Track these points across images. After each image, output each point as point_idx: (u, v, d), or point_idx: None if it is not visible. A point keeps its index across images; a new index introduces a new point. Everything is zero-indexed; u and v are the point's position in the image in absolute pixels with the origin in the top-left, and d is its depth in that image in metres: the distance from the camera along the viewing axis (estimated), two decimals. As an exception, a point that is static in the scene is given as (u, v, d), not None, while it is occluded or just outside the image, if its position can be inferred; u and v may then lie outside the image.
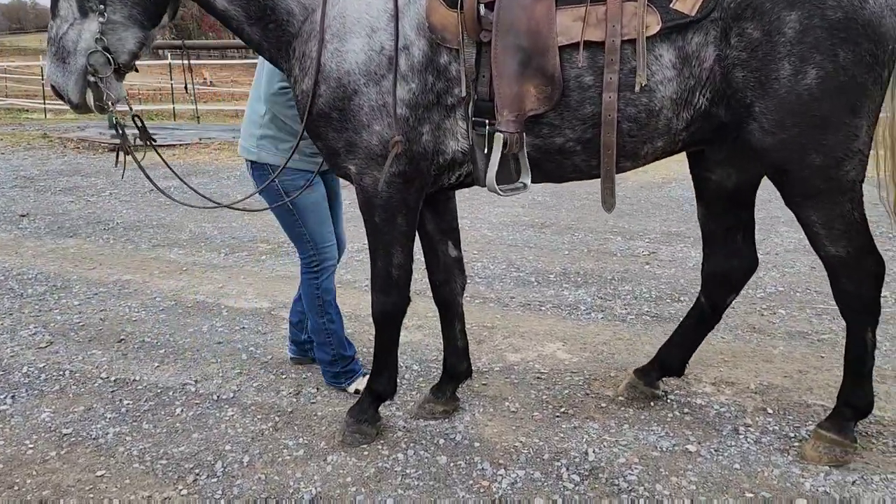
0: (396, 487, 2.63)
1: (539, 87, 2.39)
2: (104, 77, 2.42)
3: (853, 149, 2.34)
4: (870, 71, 2.26)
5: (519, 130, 2.43)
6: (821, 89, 2.25)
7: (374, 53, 2.48)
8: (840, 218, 2.43)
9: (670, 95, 2.37)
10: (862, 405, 2.70)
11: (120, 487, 2.66)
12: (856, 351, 2.65)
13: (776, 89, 2.28)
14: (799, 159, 2.36)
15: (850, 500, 2.49)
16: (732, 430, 2.96)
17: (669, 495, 2.54)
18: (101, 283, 5.05)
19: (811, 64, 2.24)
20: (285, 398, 3.33)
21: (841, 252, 2.48)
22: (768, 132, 2.34)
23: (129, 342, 4.02)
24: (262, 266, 5.49)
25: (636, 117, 2.41)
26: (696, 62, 2.33)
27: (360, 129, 2.54)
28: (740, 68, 2.31)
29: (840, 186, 2.39)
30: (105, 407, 3.27)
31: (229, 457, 2.85)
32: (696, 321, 3.16)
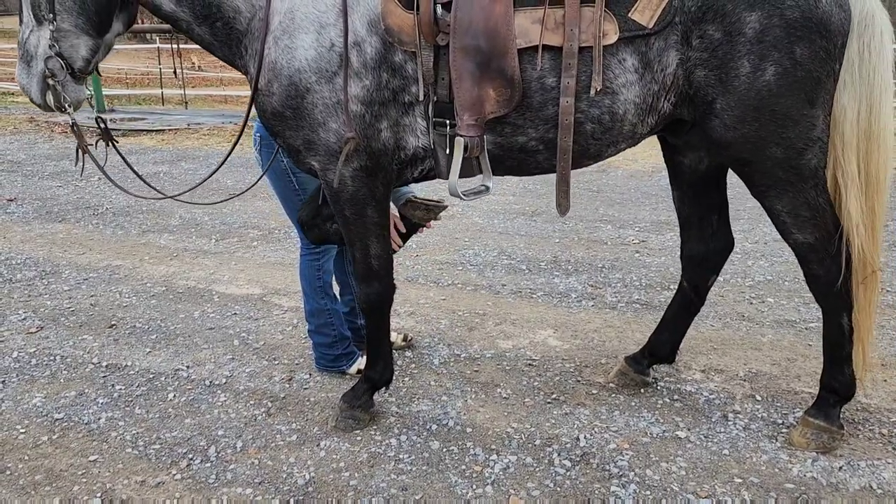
0: (389, 472, 2.65)
1: (498, 90, 2.37)
2: (61, 81, 2.48)
3: (812, 138, 2.40)
4: (824, 65, 2.34)
5: (479, 134, 2.43)
6: (779, 85, 2.32)
7: (325, 50, 2.45)
8: (805, 205, 2.48)
9: (633, 99, 2.39)
10: (844, 389, 2.73)
11: (113, 472, 2.67)
12: (833, 336, 2.69)
13: (736, 86, 2.34)
14: (760, 152, 2.42)
15: (836, 486, 2.53)
16: (721, 416, 2.99)
17: (660, 480, 2.57)
18: (90, 269, 5.03)
19: (770, 61, 2.30)
20: (278, 384, 3.34)
21: (809, 238, 2.53)
22: (730, 127, 2.39)
23: (120, 328, 4.01)
24: (253, 252, 5.48)
25: (600, 119, 2.42)
26: (658, 67, 2.36)
27: (317, 126, 2.52)
28: (701, 68, 2.35)
29: (802, 175, 2.44)
30: (97, 392, 3.27)
31: (222, 442, 2.86)
32: (681, 306, 3.20)
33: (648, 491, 2.51)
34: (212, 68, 23.14)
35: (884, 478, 2.57)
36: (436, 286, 4.65)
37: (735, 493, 2.49)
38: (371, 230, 2.69)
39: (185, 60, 22.18)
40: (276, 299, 4.44)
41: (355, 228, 2.69)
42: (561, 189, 2.53)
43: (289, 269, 5.02)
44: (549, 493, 2.51)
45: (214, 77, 22.59)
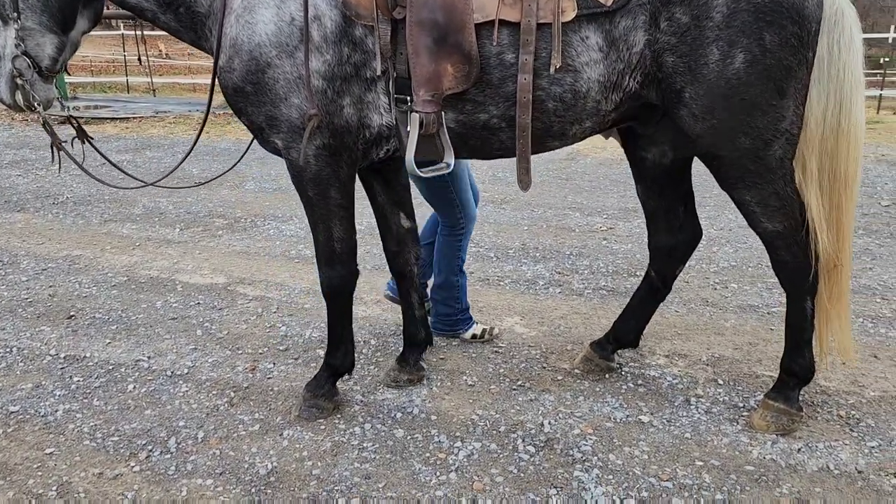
0: (353, 461, 2.63)
1: (456, 66, 2.33)
2: (29, 80, 2.48)
3: (780, 129, 2.37)
4: (795, 53, 2.28)
5: (436, 110, 2.39)
6: (748, 73, 2.27)
7: (285, 24, 2.41)
8: (774, 195, 2.47)
9: (597, 78, 2.35)
10: (803, 372, 2.76)
11: (69, 465, 2.61)
12: (795, 320, 2.71)
13: (705, 74, 2.29)
14: (730, 143, 2.39)
15: (795, 467, 2.57)
16: (684, 400, 3.02)
17: (622, 465, 2.58)
18: (50, 259, 4.91)
19: (739, 48, 2.25)
20: (241, 374, 3.29)
21: (778, 227, 2.53)
22: (699, 118, 2.36)
23: (79, 318, 3.92)
24: (218, 241, 5.40)
25: (562, 97, 2.38)
26: (624, 46, 2.32)
27: (279, 102, 2.48)
28: (670, 53, 2.30)
29: (769, 166, 2.43)
30: (54, 384, 3.20)
31: (183, 433, 2.81)
32: (648, 293, 3.19)
33: (611, 475, 2.53)
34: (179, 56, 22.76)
35: (841, 458, 2.61)
36: (403, 274, 4.62)
37: (696, 476, 2.51)
38: (334, 212, 2.65)
39: (151, 48, 21.77)
40: (241, 288, 4.39)
41: (318, 210, 2.65)
42: (521, 166, 2.50)
43: (254, 259, 4.96)
44: (512, 479, 2.51)
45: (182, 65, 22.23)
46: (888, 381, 3.17)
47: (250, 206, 6.41)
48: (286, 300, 4.17)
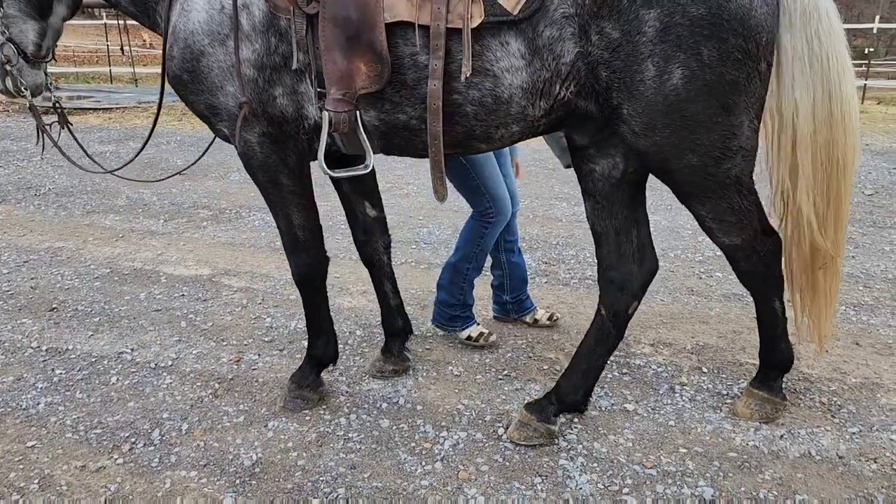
0: (338, 451, 2.62)
1: (369, 65, 2.25)
2: (17, 66, 2.54)
3: (732, 147, 2.24)
4: (740, 67, 2.13)
5: (348, 109, 2.31)
6: (687, 90, 2.12)
7: (216, 12, 2.39)
8: (729, 210, 2.38)
9: (520, 84, 2.22)
10: (783, 362, 2.76)
11: (52, 458, 2.59)
12: (767, 318, 2.69)
13: (642, 91, 2.15)
14: (676, 160, 2.27)
15: (777, 454, 2.59)
16: (669, 388, 3.04)
17: (607, 453, 2.60)
18: (31, 251, 4.86)
19: (676, 63, 2.10)
20: (226, 365, 3.28)
21: (736, 241, 2.46)
22: (640, 135, 2.23)
23: (61, 311, 3.89)
24: (202, 233, 5.36)
25: (481, 101, 2.27)
26: (549, 56, 2.18)
27: (215, 90, 2.46)
28: (604, 67, 2.16)
29: (722, 182, 2.31)
30: (36, 377, 3.16)
31: (167, 425, 2.79)
32: (596, 340, 2.71)
33: (596, 463, 2.54)
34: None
35: (822, 445, 2.64)
36: (389, 265, 4.61)
37: (680, 463, 2.53)
38: (289, 199, 2.62)
39: (134, 38, 21.52)
40: (226, 280, 4.36)
41: (273, 197, 2.64)
42: (435, 175, 2.39)
43: (239, 250, 4.93)
44: (497, 468, 2.52)
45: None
46: (869, 368, 3.20)
47: (235, 197, 6.37)
48: (271, 291, 4.15)
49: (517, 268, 3.62)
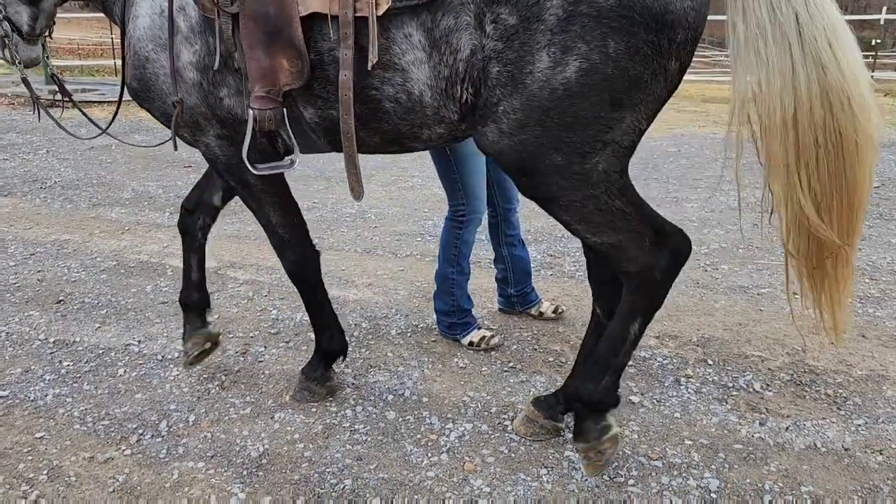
0: (345, 443, 2.63)
1: (291, 61, 2.21)
2: (13, 42, 2.65)
3: (604, 140, 2.05)
4: (648, 63, 1.96)
5: (273, 107, 2.27)
6: (580, 83, 1.95)
7: (157, 16, 2.38)
8: (596, 211, 2.14)
9: (426, 80, 2.13)
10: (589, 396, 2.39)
11: (60, 449, 2.60)
12: (609, 338, 2.35)
13: (528, 84, 1.98)
14: (538, 160, 2.07)
15: (783, 446, 2.59)
16: (674, 381, 3.04)
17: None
18: (38, 244, 4.88)
19: (574, 55, 1.93)
20: (232, 357, 3.29)
21: (610, 240, 2.20)
22: (506, 134, 2.06)
23: (68, 303, 3.90)
24: (208, 225, 5.36)
25: (396, 98, 2.19)
26: (447, 50, 2.07)
27: (165, 97, 2.44)
28: (496, 62, 2.01)
29: (588, 180, 2.09)
30: (44, 369, 3.18)
31: (174, 416, 2.81)
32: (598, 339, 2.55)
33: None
34: (167, 38, 22.50)
35: (828, 436, 2.64)
36: (394, 257, 4.62)
37: (685, 455, 2.53)
38: (262, 199, 2.61)
39: (138, 30, 21.45)
40: (232, 272, 4.37)
41: (246, 198, 2.63)
42: (350, 171, 2.35)
43: (244, 242, 4.94)
44: (503, 460, 2.53)
45: (170, 47, 21.96)
46: (875, 360, 3.20)
47: (240, 189, 6.37)
48: (277, 284, 4.16)
49: (520, 261, 3.61)
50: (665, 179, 6.78)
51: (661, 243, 2.24)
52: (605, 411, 2.43)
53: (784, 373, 3.10)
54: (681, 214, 5.54)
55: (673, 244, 2.26)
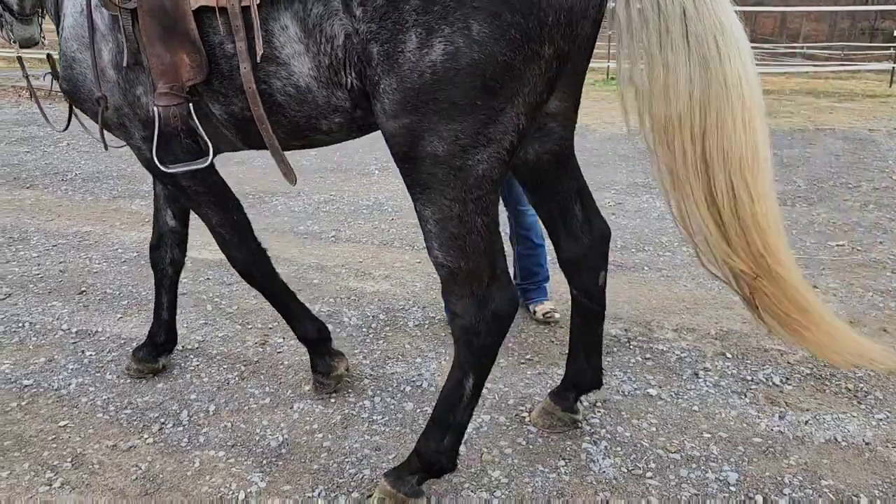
0: (363, 433, 2.65)
1: (191, 55, 2.18)
2: (8, 21, 2.67)
3: (487, 135, 1.92)
4: (517, 48, 1.83)
5: (177, 103, 2.23)
6: (447, 67, 1.85)
7: (78, 15, 2.36)
8: (457, 220, 2.00)
9: (308, 72, 2.09)
10: (429, 458, 2.26)
11: (83, 437, 2.64)
12: (447, 390, 2.22)
13: (401, 64, 1.90)
14: (420, 146, 1.96)
15: (803, 439, 2.58)
16: (692, 374, 3.03)
17: (630, 437, 2.60)
18: (60, 235, 4.94)
19: (438, 37, 1.84)
20: (251, 348, 3.32)
21: (449, 262, 2.06)
22: (390, 115, 1.97)
23: (90, 294, 3.95)
24: (226, 217, 5.40)
25: (285, 91, 2.15)
26: (322, 37, 2.01)
27: (93, 96, 2.39)
28: (374, 42, 1.93)
29: (464, 179, 1.96)
30: (67, 358, 3.23)
31: (195, 406, 2.84)
32: (581, 322, 2.60)
33: (619, 447, 2.54)
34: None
35: (848, 430, 2.62)
36: (411, 249, 4.63)
37: (704, 448, 2.53)
38: (197, 200, 2.57)
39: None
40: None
41: (185, 200, 2.60)
42: (276, 158, 2.32)
43: (262, 234, 4.95)
44: (521, 451, 2.54)
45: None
46: (897, 354, 3.16)
47: (258, 182, 6.41)
48: (294, 275, 4.19)
49: (526, 259, 3.67)
50: (683, 172, 6.72)
51: (488, 297, 2.09)
52: (439, 475, 2.31)
53: (804, 366, 3.08)
54: (699, 207, 5.51)
55: (497, 305, 2.10)
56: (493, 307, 2.09)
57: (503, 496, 2.32)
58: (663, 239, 4.80)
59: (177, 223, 3.03)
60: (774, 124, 9.50)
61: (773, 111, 10.77)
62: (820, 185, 6.25)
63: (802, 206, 5.60)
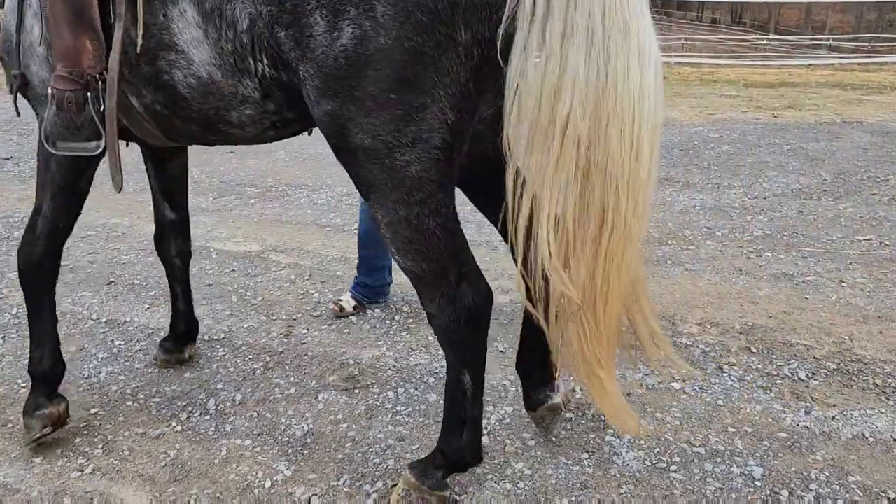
0: (387, 424, 2.68)
1: (93, 43, 2.10)
2: None
3: (409, 134, 1.79)
4: (426, 33, 1.69)
5: (74, 88, 2.13)
6: (358, 53, 1.73)
7: None
8: (405, 223, 1.90)
9: (209, 60, 1.97)
10: (452, 455, 2.20)
11: (114, 424, 2.70)
12: (449, 390, 2.19)
13: (313, 49, 1.79)
14: (348, 137, 1.86)
15: (829, 435, 2.56)
16: (717, 368, 3.02)
17: (654, 430, 2.60)
18: (89, 227, 5.01)
19: (345, 19, 1.72)
20: (276, 339, 3.36)
21: (414, 268, 1.97)
22: (314, 102, 1.87)
23: (118, 284, 4.02)
24: (251, 210, 5.46)
25: (187, 82, 2.05)
26: (222, 22, 1.90)
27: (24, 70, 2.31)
28: (279, 26, 1.83)
29: (399, 181, 1.85)
30: (97, 347, 3.29)
31: (221, 395, 2.88)
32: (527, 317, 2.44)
33: (642, 441, 2.54)
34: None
35: (876, 426, 2.60)
36: (434, 242, 4.64)
37: (728, 442, 2.52)
38: (47, 184, 2.42)
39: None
40: (274, 256, 4.45)
41: (39, 179, 2.45)
42: (110, 161, 2.22)
43: (286, 226, 5.02)
44: (544, 443, 2.54)
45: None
46: (926, 350, 3.13)
47: (281, 174, 6.47)
48: (318, 267, 4.22)
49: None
50: (706, 166, 6.68)
51: (459, 295, 1.99)
52: (464, 469, 2.27)
53: (830, 362, 3.05)
54: (721, 201, 5.46)
55: (469, 300, 2.01)
56: (466, 303, 2.00)
57: (526, 487, 2.33)
58: (686, 232, 4.77)
59: (176, 214, 3.03)
60: (800, 117, 9.38)
61: (799, 104, 10.63)
62: (847, 178, 6.16)
63: (829, 200, 5.54)
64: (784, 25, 33.50)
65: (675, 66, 16.33)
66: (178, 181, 2.98)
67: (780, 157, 6.89)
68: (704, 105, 10.62)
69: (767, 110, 9.99)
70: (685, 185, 6.06)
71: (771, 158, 6.81)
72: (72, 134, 2.22)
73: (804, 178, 6.14)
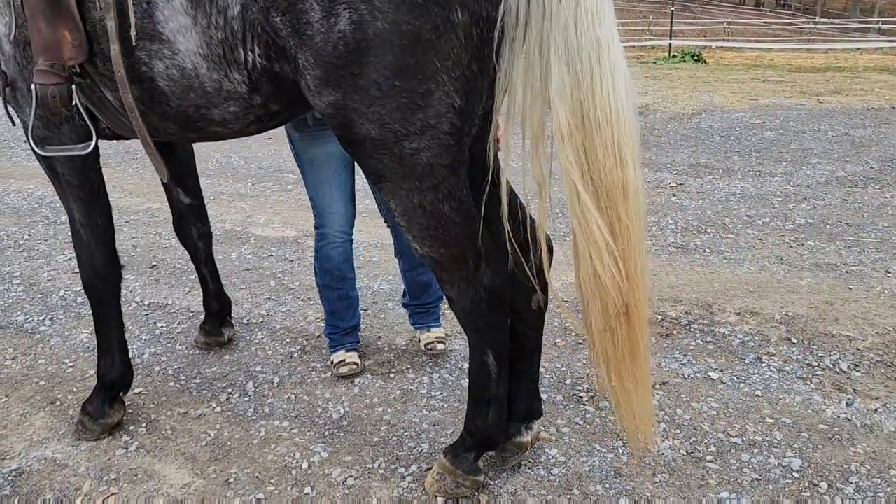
0: (422, 408, 2.70)
1: (73, 33, 2.02)
2: None
3: (419, 122, 1.76)
4: (424, 16, 1.65)
5: (57, 82, 2.07)
6: (356, 39, 1.69)
7: None
8: (420, 210, 1.88)
9: (196, 50, 1.90)
10: (480, 435, 2.21)
11: (157, 404, 2.77)
12: (474, 372, 2.18)
13: (311, 36, 1.74)
14: (352, 128, 1.83)
15: (871, 427, 2.51)
16: (755, 358, 2.98)
17: (690, 420, 2.58)
18: (131, 211, 5.14)
19: (342, 4, 1.68)
20: (313, 323, 3.41)
21: (433, 254, 1.96)
22: (314, 93, 1.82)
23: (160, 268, 4.11)
24: (288, 196, 5.53)
25: (169, 75, 1.98)
26: (213, 9, 1.83)
27: None
28: (275, 11, 1.77)
29: (411, 169, 1.82)
30: (140, 329, 3.38)
31: (260, 377, 2.94)
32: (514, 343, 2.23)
33: (678, 430, 2.53)
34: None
35: (920, 420, 2.54)
36: (469, 229, 4.65)
37: (766, 433, 2.49)
38: (68, 190, 2.40)
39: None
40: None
41: (56, 187, 2.44)
42: (147, 152, 2.19)
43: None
44: (578, 431, 2.55)
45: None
46: (975, 343, 3.04)
47: (318, 161, 6.53)
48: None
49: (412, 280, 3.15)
50: (748, 153, 6.55)
51: (478, 277, 1.99)
52: (494, 447, 2.28)
53: (873, 353, 2.99)
54: (763, 189, 5.35)
55: (489, 282, 2.01)
56: (486, 285, 2.01)
57: (560, 474, 2.33)
58: (726, 220, 4.69)
59: (191, 199, 3.01)
60: (846, 102, 9.13)
61: (845, 89, 10.34)
62: (894, 166, 5.99)
63: (875, 187, 5.39)
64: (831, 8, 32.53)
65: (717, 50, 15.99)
66: (188, 165, 2.95)
67: (824, 143, 6.72)
68: (747, 90, 10.40)
69: (812, 96, 9.74)
70: (725, 172, 5.96)
71: (815, 145, 6.65)
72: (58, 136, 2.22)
73: (850, 165, 5.98)
